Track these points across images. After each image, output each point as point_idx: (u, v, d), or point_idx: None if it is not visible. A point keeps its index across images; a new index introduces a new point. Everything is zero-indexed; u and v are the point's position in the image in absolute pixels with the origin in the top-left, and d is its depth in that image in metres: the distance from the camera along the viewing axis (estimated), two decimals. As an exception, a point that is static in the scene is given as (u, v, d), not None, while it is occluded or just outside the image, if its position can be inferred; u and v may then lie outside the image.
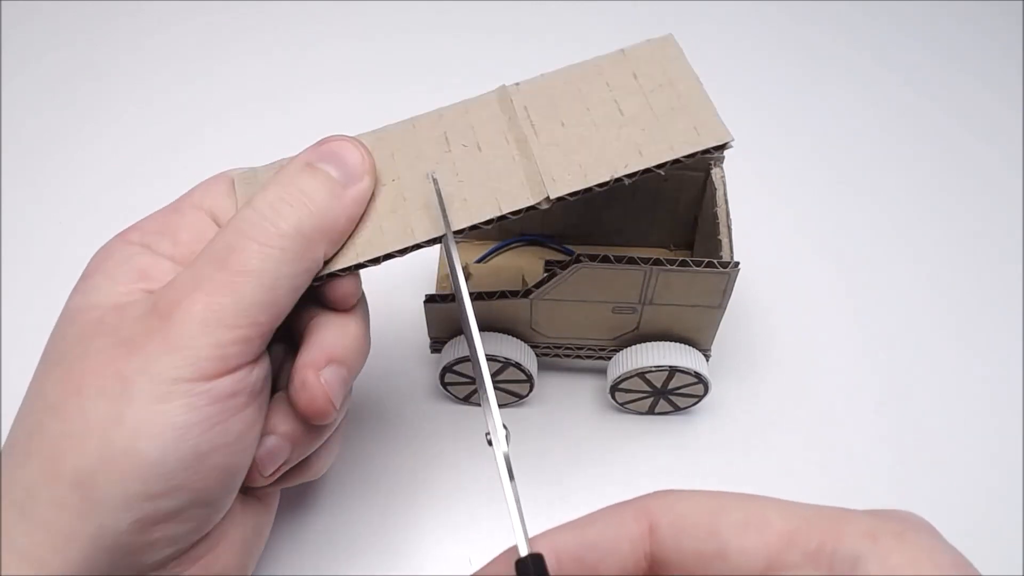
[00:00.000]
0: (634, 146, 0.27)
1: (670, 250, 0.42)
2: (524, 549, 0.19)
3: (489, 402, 0.22)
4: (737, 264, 0.32)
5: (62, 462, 0.23)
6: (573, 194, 0.27)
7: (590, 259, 0.32)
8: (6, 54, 0.56)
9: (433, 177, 0.28)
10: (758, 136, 0.51)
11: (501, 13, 0.60)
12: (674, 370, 0.36)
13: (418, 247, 0.27)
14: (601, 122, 0.28)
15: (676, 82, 0.28)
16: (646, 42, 0.29)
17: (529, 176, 0.27)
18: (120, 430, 0.23)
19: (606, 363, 0.38)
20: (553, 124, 0.28)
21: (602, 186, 0.27)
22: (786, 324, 0.43)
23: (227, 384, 0.24)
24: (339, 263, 0.27)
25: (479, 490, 0.37)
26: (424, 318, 0.36)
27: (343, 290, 0.27)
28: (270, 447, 0.27)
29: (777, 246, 0.46)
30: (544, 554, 0.19)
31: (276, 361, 0.29)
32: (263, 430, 0.27)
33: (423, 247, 0.27)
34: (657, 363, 0.35)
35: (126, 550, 0.23)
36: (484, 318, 0.36)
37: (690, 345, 0.36)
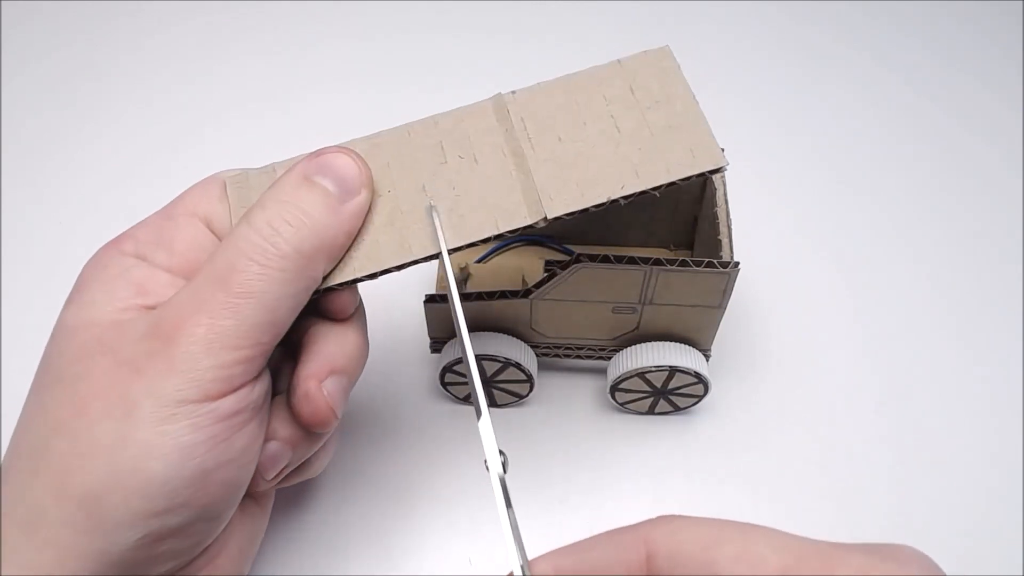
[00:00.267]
0: (631, 166, 0.27)
1: (670, 250, 0.42)
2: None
3: (486, 429, 0.23)
4: (737, 264, 0.32)
5: (69, 482, 0.23)
6: (570, 214, 0.27)
7: (590, 259, 0.32)
8: (6, 54, 0.56)
9: (431, 205, 0.27)
10: (758, 136, 0.51)
11: (501, 13, 0.60)
12: (674, 370, 0.36)
13: (416, 263, 0.27)
14: (598, 139, 0.28)
15: (673, 99, 0.28)
16: (643, 53, 0.29)
17: (526, 193, 0.27)
18: (126, 451, 0.23)
19: (606, 363, 0.38)
20: (550, 138, 0.28)
21: (598, 207, 0.27)
22: (786, 324, 0.43)
23: (230, 403, 0.24)
24: (337, 278, 0.27)
25: (479, 490, 0.37)
26: (424, 318, 0.36)
27: (341, 302, 0.27)
28: (272, 452, 0.27)
29: (777, 246, 0.46)
30: (545, 574, 0.20)
31: (273, 363, 0.29)
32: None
33: (421, 263, 0.27)
34: (657, 363, 0.35)
35: (132, 565, 0.24)
36: (484, 318, 0.36)
37: (690, 345, 0.36)
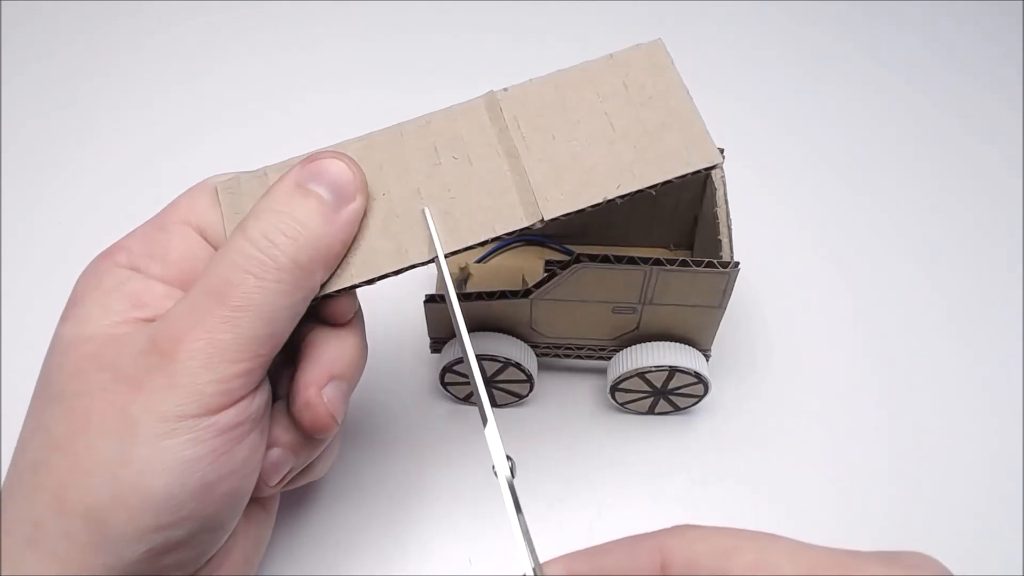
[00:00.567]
0: (626, 165, 0.27)
1: (670, 250, 0.42)
2: None
3: (493, 435, 0.23)
4: (737, 264, 0.32)
5: (71, 499, 0.23)
6: (566, 215, 0.27)
7: (590, 259, 0.32)
8: (6, 54, 0.56)
9: (426, 211, 0.27)
10: (758, 136, 0.51)
11: (500, 13, 0.60)
12: (674, 370, 0.36)
13: (413, 267, 0.27)
14: (592, 137, 0.27)
15: (666, 95, 0.28)
16: (635, 47, 0.29)
17: (522, 195, 0.27)
18: (128, 467, 0.23)
19: (606, 363, 0.38)
20: (544, 137, 0.28)
21: (595, 207, 0.27)
22: (786, 324, 0.43)
23: (231, 416, 0.24)
24: (334, 285, 0.27)
25: (479, 490, 0.37)
26: (424, 318, 0.36)
27: (340, 308, 0.27)
28: (274, 459, 0.27)
29: (777, 246, 0.46)
30: None
31: (272, 370, 0.28)
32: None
33: (418, 267, 0.27)
34: (657, 363, 0.35)
35: (137, 575, 0.24)
36: (484, 318, 0.36)
37: (690, 345, 0.36)
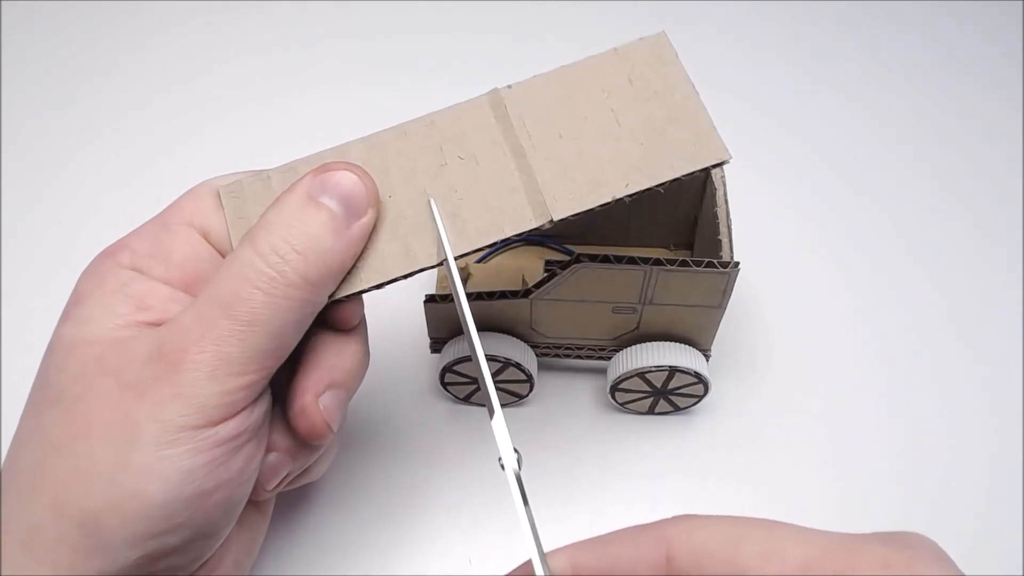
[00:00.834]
0: (633, 163, 0.27)
1: (670, 250, 0.42)
2: (541, 573, 0.20)
3: (500, 427, 0.23)
4: (737, 264, 0.32)
5: (68, 503, 0.23)
6: (576, 215, 0.26)
7: (590, 259, 0.32)
8: (6, 54, 0.56)
9: (431, 204, 0.27)
10: (758, 136, 0.51)
11: (501, 13, 0.60)
12: (674, 370, 0.36)
13: (422, 270, 0.27)
14: (599, 134, 0.27)
15: (672, 89, 0.27)
16: (639, 40, 0.28)
17: (530, 195, 0.27)
18: (127, 474, 0.23)
19: (606, 363, 0.38)
20: (550, 135, 0.27)
21: (604, 206, 0.27)
22: (786, 324, 0.43)
23: (232, 427, 0.24)
24: (343, 291, 0.26)
25: (479, 490, 0.37)
26: (424, 318, 0.36)
27: (346, 313, 0.27)
28: (272, 464, 0.27)
29: (777, 246, 0.46)
30: (562, 567, 0.20)
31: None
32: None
33: (426, 270, 0.27)
34: (657, 363, 0.35)
35: None
36: (484, 318, 0.36)
37: (690, 345, 0.36)
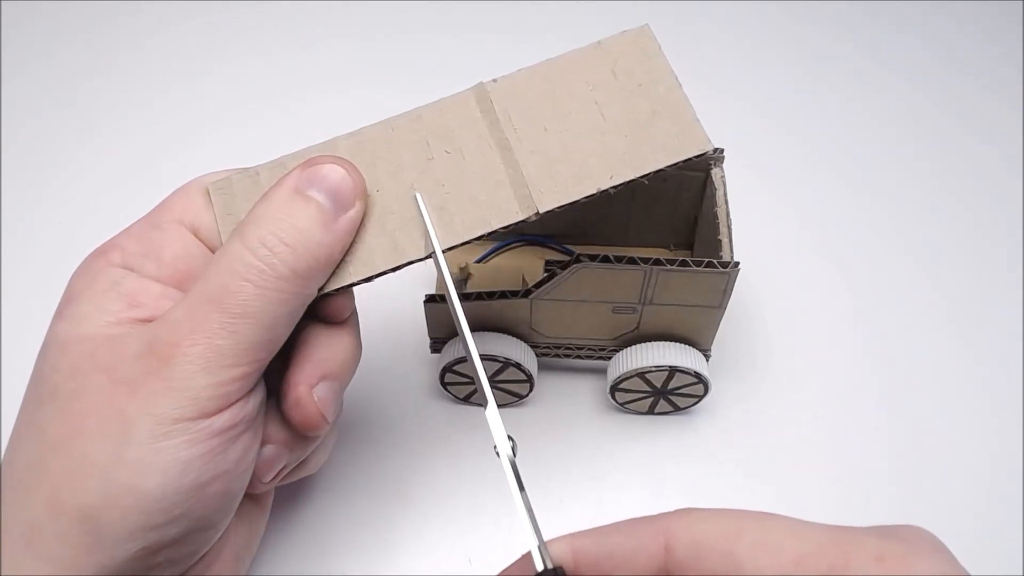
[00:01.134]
0: (618, 155, 0.27)
1: (670, 250, 0.42)
2: (539, 563, 0.20)
3: (494, 415, 0.23)
4: (737, 264, 0.32)
5: (66, 499, 0.23)
6: (561, 207, 0.27)
7: (590, 259, 0.32)
8: (6, 54, 0.56)
9: (417, 196, 0.27)
10: (758, 136, 0.51)
11: (500, 13, 0.60)
12: (674, 370, 0.36)
13: (410, 263, 0.27)
14: (583, 128, 0.28)
15: (656, 82, 0.28)
16: (622, 34, 0.29)
17: (516, 188, 0.27)
18: (123, 468, 0.23)
19: (606, 363, 0.38)
20: (535, 129, 0.28)
21: (589, 197, 0.27)
22: (786, 324, 0.43)
23: (226, 418, 0.24)
24: (332, 284, 0.27)
25: (479, 490, 0.37)
26: (424, 318, 0.36)
27: (337, 306, 0.27)
28: (268, 456, 0.27)
29: (777, 246, 0.46)
30: (563, 554, 0.20)
31: (267, 365, 0.28)
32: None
33: (415, 263, 0.27)
34: (657, 363, 0.35)
35: (131, 574, 0.24)
36: (484, 318, 0.36)
37: (690, 345, 0.36)
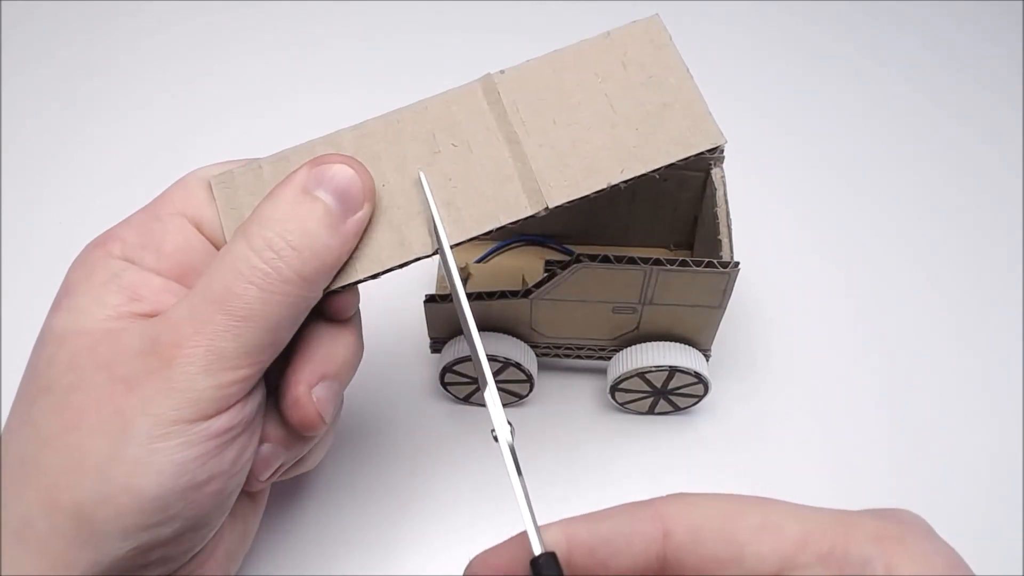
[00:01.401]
0: (628, 149, 0.27)
1: (670, 250, 0.42)
2: (537, 547, 0.20)
3: (493, 400, 0.23)
4: (737, 264, 0.32)
5: (60, 496, 0.23)
6: (571, 202, 0.27)
7: (590, 259, 0.32)
8: (6, 54, 0.56)
9: (421, 176, 0.27)
10: (758, 136, 0.51)
11: (501, 13, 0.59)
12: (674, 370, 0.36)
13: (417, 260, 0.27)
14: (593, 120, 0.27)
15: (666, 73, 0.27)
16: (632, 24, 0.28)
17: (525, 182, 0.27)
18: (118, 467, 0.23)
19: (606, 363, 0.38)
20: (544, 122, 0.27)
21: (599, 192, 0.27)
22: (786, 324, 0.43)
23: (225, 420, 0.24)
24: (338, 282, 0.26)
25: (479, 490, 0.37)
26: (424, 318, 0.36)
27: (341, 303, 0.27)
28: (265, 454, 0.27)
29: (777, 246, 0.46)
30: (557, 541, 0.20)
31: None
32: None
33: (422, 259, 0.27)
34: (657, 363, 0.35)
35: (123, 572, 0.24)
36: (484, 318, 0.36)
37: (690, 345, 0.36)
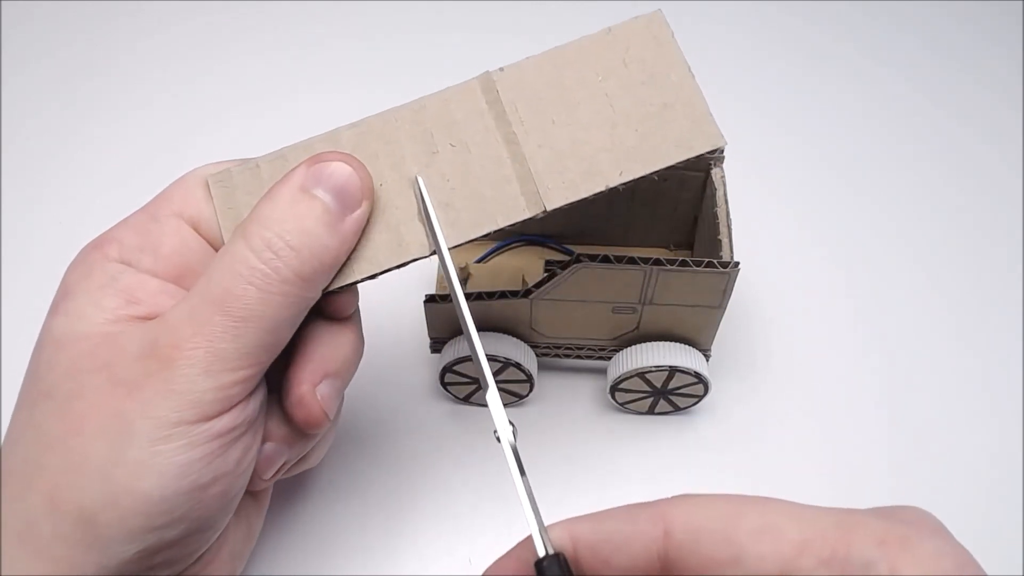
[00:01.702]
0: (628, 150, 0.27)
1: (670, 250, 0.42)
2: (541, 548, 0.20)
3: (495, 403, 0.23)
4: (737, 264, 0.32)
5: (63, 499, 0.23)
6: (569, 204, 0.26)
7: (590, 259, 0.32)
8: (6, 54, 0.56)
9: (418, 179, 0.26)
10: (758, 136, 0.51)
11: (501, 13, 0.59)
12: (674, 370, 0.36)
13: (415, 261, 0.27)
14: (593, 120, 0.27)
15: (667, 72, 0.27)
16: (634, 20, 0.28)
17: (523, 184, 0.27)
18: (121, 470, 0.23)
19: (606, 363, 0.38)
20: (543, 122, 0.27)
21: (597, 194, 0.27)
22: (786, 324, 0.43)
23: (227, 421, 0.24)
24: (336, 283, 0.26)
25: (480, 490, 0.37)
26: (424, 318, 0.36)
27: (341, 303, 0.27)
28: (268, 453, 0.27)
29: (777, 246, 0.46)
30: (562, 541, 0.20)
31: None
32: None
33: (420, 260, 0.27)
34: (657, 363, 0.35)
35: (129, 574, 0.24)
36: (484, 318, 0.36)
37: (690, 345, 0.36)
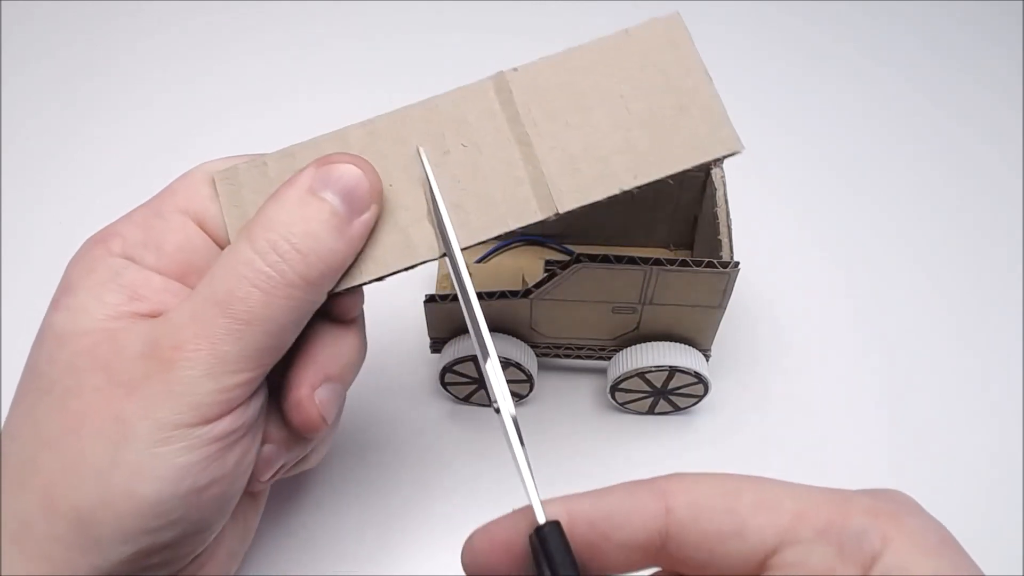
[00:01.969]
0: (642, 154, 0.26)
1: (670, 250, 0.42)
2: (541, 516, 0.20)
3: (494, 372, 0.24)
4: (737, 264, 0.32)
5: (60, 500, 0.23)
6: (582, 207, 0.26)
7: (590, 259, 0.32)
8: (6, 54, 0.56)
9: (420, 151, 0.26)
10: (758, 136, 0.51)
11: (501, 13, 0.60)
12: (674, 370, 0.36)
13: (423, 263, 0.26)
14: (607, 123, 0.27)
15: (684, 75, 0.27)
16: (652, 21, 0.28)
17: (535, 186, 0.26)
18: (118, 472, 0.22)
19: (606, 363, 0.38)
20: (557, 124, 0.27)
21: (611, 198, 0.26)
22: (786, 324, 0.43)
23: (227, 423, 0.24)
24: (342, 284, 0.26)
25: (479, 490, 0.37)
26: (424, 318, 0.36)
27: (345, 305, 0.27)
28: (267, 455, 0.27)
29: (777, 246, 0.46)
30: (559, 515, 0.20)
31: None
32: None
33: (428, 262, 0.26)
34: (657, 363, 0.35)
35: (124, 575, 0.24)
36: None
37: (690, 345, 0.36)
